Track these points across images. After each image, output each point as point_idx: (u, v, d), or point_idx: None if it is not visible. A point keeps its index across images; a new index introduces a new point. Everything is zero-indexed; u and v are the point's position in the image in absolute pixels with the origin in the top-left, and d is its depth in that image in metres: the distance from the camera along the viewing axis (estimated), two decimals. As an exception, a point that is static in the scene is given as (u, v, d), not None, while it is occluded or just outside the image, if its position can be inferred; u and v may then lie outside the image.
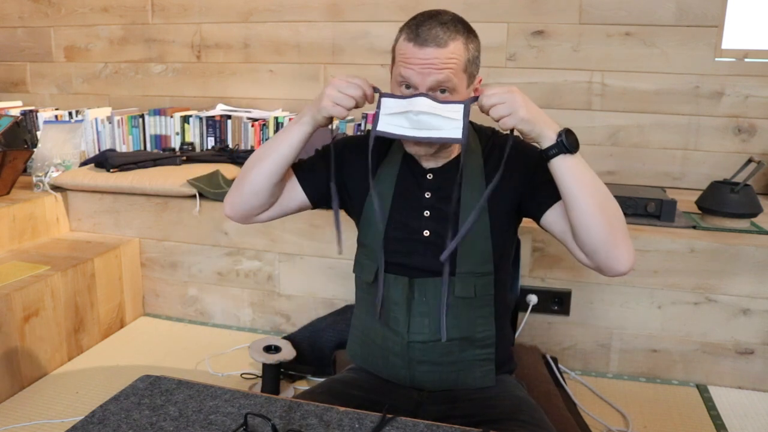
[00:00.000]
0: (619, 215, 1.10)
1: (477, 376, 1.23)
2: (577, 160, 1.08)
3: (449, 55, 1.08)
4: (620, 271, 1.10)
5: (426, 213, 1.21)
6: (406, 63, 1.10)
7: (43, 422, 1.76)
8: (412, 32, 1.10)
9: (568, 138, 1.07)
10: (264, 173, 1.21)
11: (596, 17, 2.60)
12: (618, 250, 1.08)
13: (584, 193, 1.07)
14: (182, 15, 3.07)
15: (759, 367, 1.98)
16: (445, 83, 1.10)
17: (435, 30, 1.09)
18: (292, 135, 1.20)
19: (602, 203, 1.08)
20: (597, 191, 1.08)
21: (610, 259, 1.09)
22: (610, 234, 1.08)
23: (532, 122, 1.06)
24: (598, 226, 1.07)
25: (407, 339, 1.21)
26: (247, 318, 2.42)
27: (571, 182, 1.08)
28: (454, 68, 1.09)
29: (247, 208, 1.26)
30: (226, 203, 1.28)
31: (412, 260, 1.21)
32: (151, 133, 2.97)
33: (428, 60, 1.08)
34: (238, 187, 1.25)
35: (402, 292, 1.21)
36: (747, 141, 2.58)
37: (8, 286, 1.94)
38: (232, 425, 0.93)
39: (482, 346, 1.23)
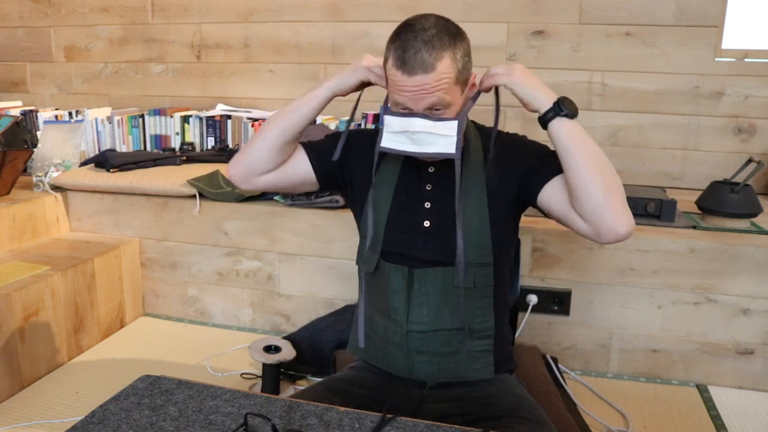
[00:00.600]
0: (618, 180, 1.14)
1: (476, 368, 1.24)
2: (575, 123, 1.14)
3: (438, 78, 1.10)
4: (620, 234, 1.12)
5: (426, 205, 1.24)
6: (398, 91, 1.13)
7: (43, 422, 1.76)
8: (399, 59, 1.10)
9: (564, 103, 1.13)
10: (278, 130, 1.26)
11: (596, 17, 2.60)
12: (617, 212, 1.11)
13: (583, 153, 1.12)
14: (182, 15, 3.08)
15: (759, 367, 1.98)
16: (438, 104, 1.13)
17: (420, 54, 1.08)
18: (312, 97, 1.26)
19: (601, 165, 1.13)
20: (595, 153, 1.13)
21: (610, 220, 1.11)
22: (609, 195, 1.11)
23: (525, 85, 1.14)
24: (597, 185, 1.11)
25: (406, 328, 1.22)
26: (247, 318, 2.42)
27: (569, 142, 1.13)
28: (446, 87, 1.11)
29: (252, 165, 1.28)
30: (231, 162, 1.30)
31: (412, 251, 1.23)
32: (151, 133, 2.97)
33: (419, 87, 1.10)
34: (248, 145, 1.29)
35: (402, 282, 1.22)
36: (747, 141, 2.58)
37: (8, 286, 1.94)
38: (232, 425, 0.93)
39: (481, 337, 1.24)
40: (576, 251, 2.03)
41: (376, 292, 1.28)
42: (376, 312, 1.28)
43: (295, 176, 1.32)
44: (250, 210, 2.31)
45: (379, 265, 1.25)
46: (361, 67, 1.22)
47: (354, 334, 1.36)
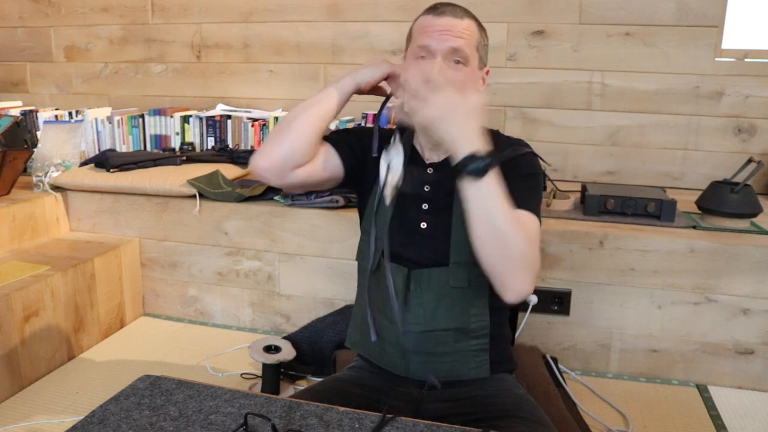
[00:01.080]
0: (518, 251, 1.04)
1: (471, 367, 1.24)
2: (480, 186, 1.02)
3: (465, 27, 1.19)
4: (505, 300, 1.08)
5: (424, 206, 1.25)
6: (424, 32, 1.19)
7: (43, 422, 1.76)
8: (430, 8, 1.22)
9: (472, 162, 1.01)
10: (310, 121, 1.19)
11: (596, 17, 2.60)
12: (501, 282, 1.06)
13: (478, 220, 1.04)
14: (182, 15, 3.08)
15: (759, 367, 1.98)
16: (460, 51, 1.17)
17: (452, 6, 1.21)
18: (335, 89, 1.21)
19: (497, 235, 1.03)
20: (492, 221, 1.03)
21: (495, 285, 1.07)
22: (497, 264, 1.05)
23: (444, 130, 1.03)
24: (486, 253, 1.05)
25: (402, 329, 1.23)
26: (247, 318, 2.42)
27: (467, 205, 1.04)
28: (469, 39, 1.19)
29: (288, 158, 1.19)
30: (259, 156, 1.20)
31: (409, 251, 1.23)
32: (151, 133, 2.97)
33: (446, 27, 1.17)
34: (277, 137, 1.20)
35: (401, 283, 1.23)
36: (747, 141, 2.58)
37: (8, 286, 1.94)
38: (232, 425, 0.93)
39: (476, 336, 1.24)
40: (576, 251, 2.03)
41: (375, 290, 1.28)
42: (374, 310, 1.29)
43: (326, 171, 1.27)
44: (250, 210, 2.31)
45: (380, 264, 1.25)
46: (385, 61, 1.22)
47: (352, 329, 1.36)
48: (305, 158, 1.21)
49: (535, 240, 1.11)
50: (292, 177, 1.21)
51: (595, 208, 2.15)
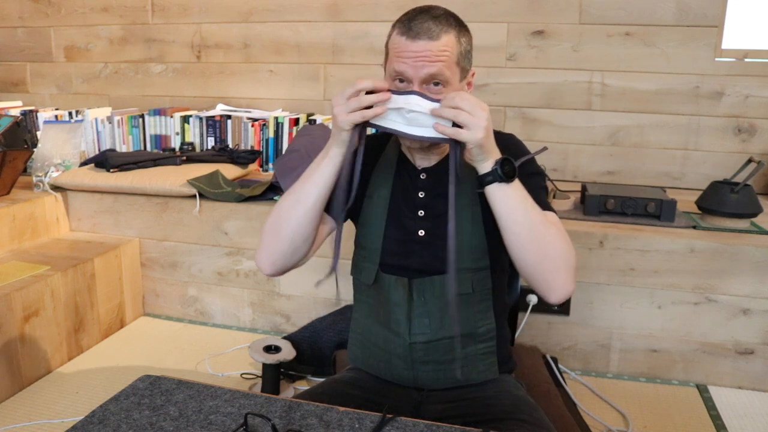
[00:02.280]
0: (557, 248, 1.08)
1: (480, 370, 1.23)
2: (512, 190, 1.06)
3: (441, 48, 1.09)
4: (550, 301, 1.10)
5: (420, 213, 1.22)
6: (399, 57, 1.11)
7: (43, 422, 1.76)
8: (404, 26, 1.11)
9: (503, 167, 1.05)
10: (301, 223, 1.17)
11: (596, 17, 2.60)
12: (546, 283, 1.09)
13: (514, 223, 1.07)
14: (182, 15, 3.08)
15: (759, 367, 1.98)
16: (438, 76, 1.10)
17: (427, 23, 1.09)
18: (322, 171, 1.14)
19: (533, 235, 1.07)
20: (529, 223, 1.07)
21: (539, 288, 1.10)
22: (539, 265, 1.08)
23: (483, 149, 1.05)
24: (526, 256, 1.08)
25: (409, 340, 1.21)
26: (247, 318, 2.42)
27: (504, 211, 1.07)
28: (447, 61, 1.10)
29: (287, 262, 1.21)
30: (262, 262, 1.20)
31: (409, 261, 1.21)
32: (151, 133, 2.97)
33: (421, 53, 1.09)
34: (273, 242, 1.19)
35: (402, 294, 1.21)
36: (747, 141, 2.58)
37: (8, 286, 1.94)
38: (232, 425, 0.93)
39: (483, 340, 1.23)
40: (576, 251, 2.02)
41: (375, 304, 1.26)
42: (375, 323, 1.27)
43: (324, 235, 1.29)
44: (250, 210, 2.31)
45: (378, 276, 1.23)
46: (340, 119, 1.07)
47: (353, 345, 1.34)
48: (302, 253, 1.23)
49: (567, 235, 1.13)
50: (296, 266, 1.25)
51: (595, 208, 2.15)
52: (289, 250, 1.20)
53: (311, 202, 1.16)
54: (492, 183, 1.06)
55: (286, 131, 2.79)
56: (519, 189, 1.08)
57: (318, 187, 1.15)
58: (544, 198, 1.19)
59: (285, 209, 1.18)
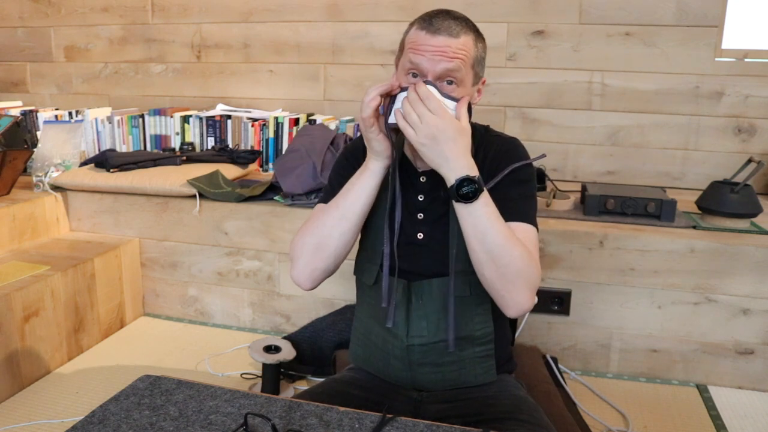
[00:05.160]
0: (514, 268, 1.07)
1: (478, 373, 1.23)
2: (471, 210, 1.06)
3: (460, 46, 1.11)
4: (508, 314, 1.13)
5: (420, 216, 1.22)
6: (416, 50, 1.11)
7: (43, 422, 1.76)
8: (425, 22, 1.13)
9: (460, 188, 1.05)
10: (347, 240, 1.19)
11: (596, 17, 2.60)
12: (502, 298, 1.11)
13: (474, 240, 1.08)
14: (182, 15, 3.08)
15: (759, 367, 1.98)
16: (454, 72, 1.11)
17: (448, 21, 1.12)
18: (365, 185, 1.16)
19: (492, 253, 1.07)
20: (489, 241, 1.06)
21: (496, 300, 1.13)
22: (497, 281, 1.09)
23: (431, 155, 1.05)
24: (484, 271, 1.09)
25: (406, 342, 1.21)
26: (247, 318, 2.42)
27: (463, 228, 1.09)
28: (464, 59, 1.11)
29: (327, 275, 1.23)
30: (304, 279, 1.21)
31: (408, 264, 1.21)
32: (151, 133, 2.97)
33: (440, 48, 1.10)
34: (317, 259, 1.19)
35: (401, 296, 1.21)
36: (747, 141, 2.58)
37: (8, 286, 1.94)
38: (232, 425, 0.93)
39: (481, 343, 1.23)
40: (576, 251, 2.03)
41: (375, 305, 1.26)
42: (375, 324, 1.27)
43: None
44: (250, 210, 2.31)
45: (378, 278, 1.23)
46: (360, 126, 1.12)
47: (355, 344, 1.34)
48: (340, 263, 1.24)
49: (533, 254, 1.12)
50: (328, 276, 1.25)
51: (595, 208, 2.15)
52: (333, 265, 1.22)
53: (357, 218, 1.18)
54: (453, 199, 1.07)
55: (286, 131, 2.80)
56: (483, 207, 1.07)
57: (361, 201, 1.16)
58: (526, 209, 1.17)
59: (328, 227, 1.18)
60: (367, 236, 1.27)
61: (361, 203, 1.17)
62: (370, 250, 1.26)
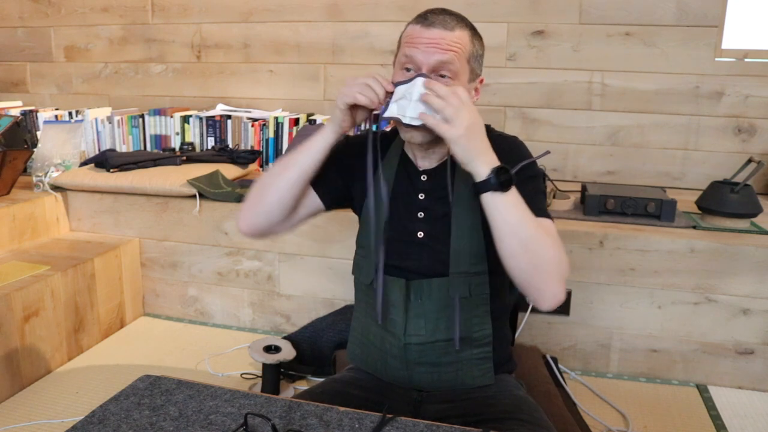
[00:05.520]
0: (549, 258, 1.08)
1: (476, 375, 1.23)
2: (507, 199, 1.06)
3: (455, 39, 1.12)
4: (542, 307, 1.12)
5: (420, 214, 1.22)
6: (411, 43, 1.13)
7: (43, 422, 1.76)
8: (420, 17, 1.15)
9: (499, 176, 1.04)
10: (286, 187, 1.21)
11: (596, 17, 2.60)
12: (536, 291, 1.10)
13: (507, 234, 1.07)
14: (182, 15, 3.08)
15: (759, 367, 1.98)
16: (448, 65, 1.11)
17: (443, 16, 1.13)
18: (313, 144, 1.19)
19: (526, 245, 1.06)
20: (522, 233, 1.06)
21: (530, 295, 1.11)
22: (530, 274, 1.08)
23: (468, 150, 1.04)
24: (518, 265, 1.08)
25: (404, 341, 1.21)
26: (247, 318, 2.42)
27: (497, 220, 1.07)
28: (459, 52, 1.12)
29: (268, 223, 1.24)
30: (242, 220, 1.25)
31: (407, 262, 1.21)
32: (151, 133, 2.97)
33: (434, 40, 1.11)
34: (256, 203, 1.23)
35: (399, 294, 1.21)
36: (747, 141, 2.58)
37: (8, 286, 1.94)
38: (232, 425, 0.93)
39: (479, 345, 1.23)
40: (576, 251, 2.03)
41: (372, 304, 1.26)
42: (373, 323, 1.27)
43: (306, 214, 1.29)
44: (250, 210, 2.31)
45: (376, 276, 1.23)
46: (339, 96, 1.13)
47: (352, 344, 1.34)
48: (285, 219, 1.25)
49: (560, 243, 1.13)
50: (274, 231, 1.27)
51: (595, 208, 2.15)
52: (268, 214, 1.23)
53: (297, 172, 1.20)
54: (487, 191, 1.06)
55: (286, 131, 2.79)
56: (514, 198, 1.07)
57: (306, 158, 1.19)
58: (542, 203, 1.18)
59: (272, 175, 1.23)
60: (364, 235, 1.27)
61: (306, 159, 1.19)
62: (365, 248, 1.26)
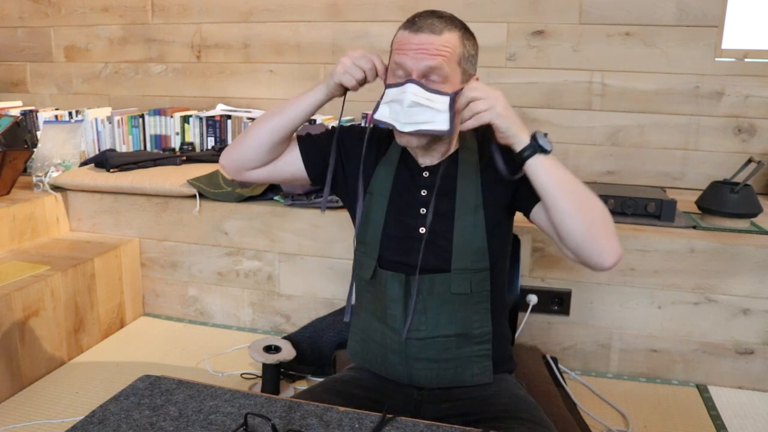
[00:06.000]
0: (601, 212, 1.11)
1: (475, 373, 1.23)
2: (552, 160, 1.10)
3: (443, 43, 1.11)
4: (604, 267, 1.12)
5: (422, 210, 1.22)
6: (400, 49, 1.14)
7: (43, 422, 1.76)
8: (409, 22, 1.15)
9: (540, 138, 1.09)
10: (267, 130, 1.26)
11: (596, 17, 2.60)
12: (599, 247, 1.10)
13: (561, 192, 1.09)
14: (182, 15, 3.08)
15: (759, 367, 1.98)
16: (438, 70, 1.11)
17: (431, 20, 1.13)
18: (304, 99, 1.24)
19: (580, 201, 1.09)
20: (574, 190, 1.10)
21: (593, 255, 1.11)
22: (589, 231, 1.09)
23: (509, 120, 1.08)
24: (577, 224, 1.09)
25: (404, 336, 1.21)
26: (247, 318, 2.42)
27: (547, 182, 1.09)
28: (448, 56, 1.12)
29: (242, 161, 1.30)
30: (223, 154, 1.32)
31: (409, 258, 1.21)
32: (151, 133, 2.97)
33: (422, 45, 1.11)
34: (240, 139, 1.30)
35: (399, 289, 1.21)
36: (747, 141, 2.58)
37: (8, 286, 1.94)
38: (232, 425, 0.93)
39: (479, 342, 1.23)
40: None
41: (373, 299, 1.27)
42: (373, 319, 1.27)
43: (286, 173, 1.33)
44: (250, 210, 2.31)
45: (375, 272, 1.24)
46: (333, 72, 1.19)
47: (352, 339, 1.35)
48: (257, 163, 1.29)
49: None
50: (249, 176, 1.32)
51: (595, 208, 2.15)
52: (245, 153, 1.28)
53: (280, 120, 1.25)
54: (532, 156, 1.08)
55: (286, 131, 2.79)
56: (557, 160, 1.11)
57: (293, 109, 1.24)
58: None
59: (259, 120, 1.29)
60: (363, 231, 1.27)
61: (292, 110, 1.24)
62: (366, 244, 1.26)
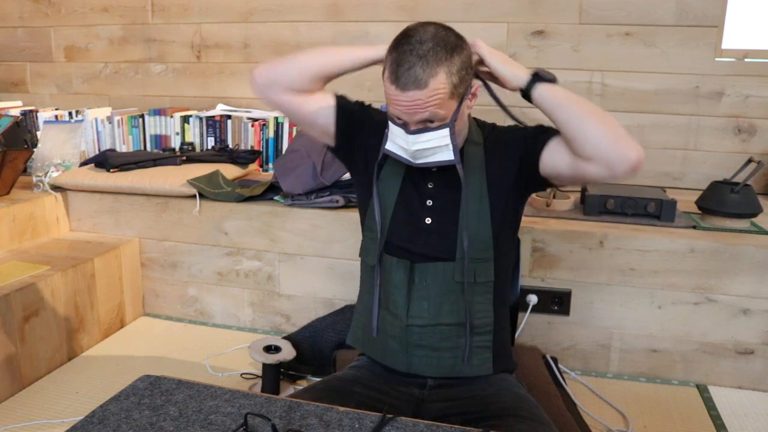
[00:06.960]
0: (613, 118, 1.16)
1: (474, 364, 1.24)
2: (556, 86, 1.18)
3: (431, 94, 1.11)
4: (632, 160, 1.12)
5: (429, 202, 1.26)
6: (393, 104, 1.15)
7: (43, 422, 1.76)
8: (393, 74, 1.11)
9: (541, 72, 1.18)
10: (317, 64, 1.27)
11: (596, 17, 2.60)
12: (621, 141, 1.13)
13: (571, 102, 1.15)
14: (182, 15, 3.08)
15: (759, 367, 1.98)
16: (431, 118, 1.14)
17: (414, 70, 1.09)
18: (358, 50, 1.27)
19: (593, 109, 1.16)
20: (584, 101, 1.16)
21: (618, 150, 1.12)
22: (607, 128, 1.13)
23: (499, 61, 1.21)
24: (598, 126, 1.13)
25: (406, 322, 1.23)
26: (247, 318, 2.42)
27: (556, 99, 1.16)
28: (439, 103, 1.12)
29: (280, 77, 1.28)
30: (257, 68, 1.29)
31: (413, 245, 1.24)
32: (151, 133, 2.97)
33: (412, 102, 1.12)
34: (284, 60, 1.29)
35: (403, 276, 1.24)
36: (747, 141, 2.58)
37: (8, 286, 1.94)
38: (232, 425, 0.93)
39: (480, 333, 1.24)
40: (576, 251, 2.03)
41: (377, 285, 1.29)
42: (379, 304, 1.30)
43: (314, 116, 1.31)
44: (250, 210, 2.31)
45: (381, 258, 1.26)
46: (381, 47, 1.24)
47: (355, 326, 1.36)
48: (293, 86, 1.28)
49: None
50: (276, 97, 1.30)
51: (595, 208, 2.15)
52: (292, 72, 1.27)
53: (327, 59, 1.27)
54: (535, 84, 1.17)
55: (286, 131, 2.80)
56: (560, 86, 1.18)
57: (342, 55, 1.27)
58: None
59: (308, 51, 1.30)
60: (371, 217, 1.29)
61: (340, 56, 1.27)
62: (373, 231, 1.29)
